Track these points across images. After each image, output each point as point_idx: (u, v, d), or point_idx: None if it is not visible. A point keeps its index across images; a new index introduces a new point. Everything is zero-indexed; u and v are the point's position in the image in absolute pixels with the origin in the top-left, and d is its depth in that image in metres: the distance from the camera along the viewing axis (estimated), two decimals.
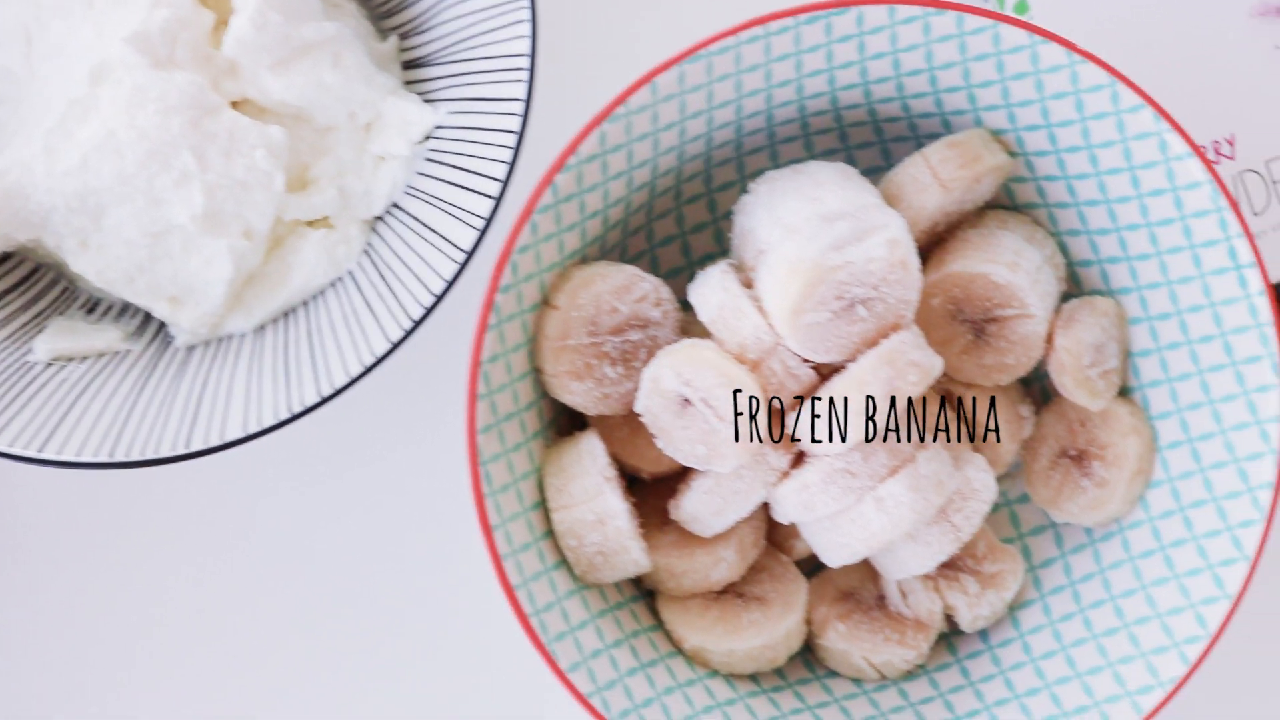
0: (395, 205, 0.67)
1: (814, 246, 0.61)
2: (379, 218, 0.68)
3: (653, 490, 0.67)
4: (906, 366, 0.61)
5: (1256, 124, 0.72)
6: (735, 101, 0.64)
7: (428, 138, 0.67)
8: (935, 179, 0.65)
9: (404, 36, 0.69)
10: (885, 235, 0.61)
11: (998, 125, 0.66)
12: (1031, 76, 0.64)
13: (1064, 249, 0.69)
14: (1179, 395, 0.67)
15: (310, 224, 0.68)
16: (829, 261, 0.61)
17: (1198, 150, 0.63)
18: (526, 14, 0.62)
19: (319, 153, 0.66)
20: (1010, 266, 0.66)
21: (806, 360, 0.62)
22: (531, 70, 0.62)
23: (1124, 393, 0.69)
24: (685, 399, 0.62)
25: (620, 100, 0.61)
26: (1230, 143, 0.72)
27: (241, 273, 0.65)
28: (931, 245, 0.68)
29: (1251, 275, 0.64)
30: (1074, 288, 0.70)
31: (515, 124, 0.62)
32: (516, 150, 0.62)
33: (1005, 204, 0.70)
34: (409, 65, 0.69)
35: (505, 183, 0.62)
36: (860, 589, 0.68)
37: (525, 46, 0.62)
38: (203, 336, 0.67)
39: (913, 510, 0.62)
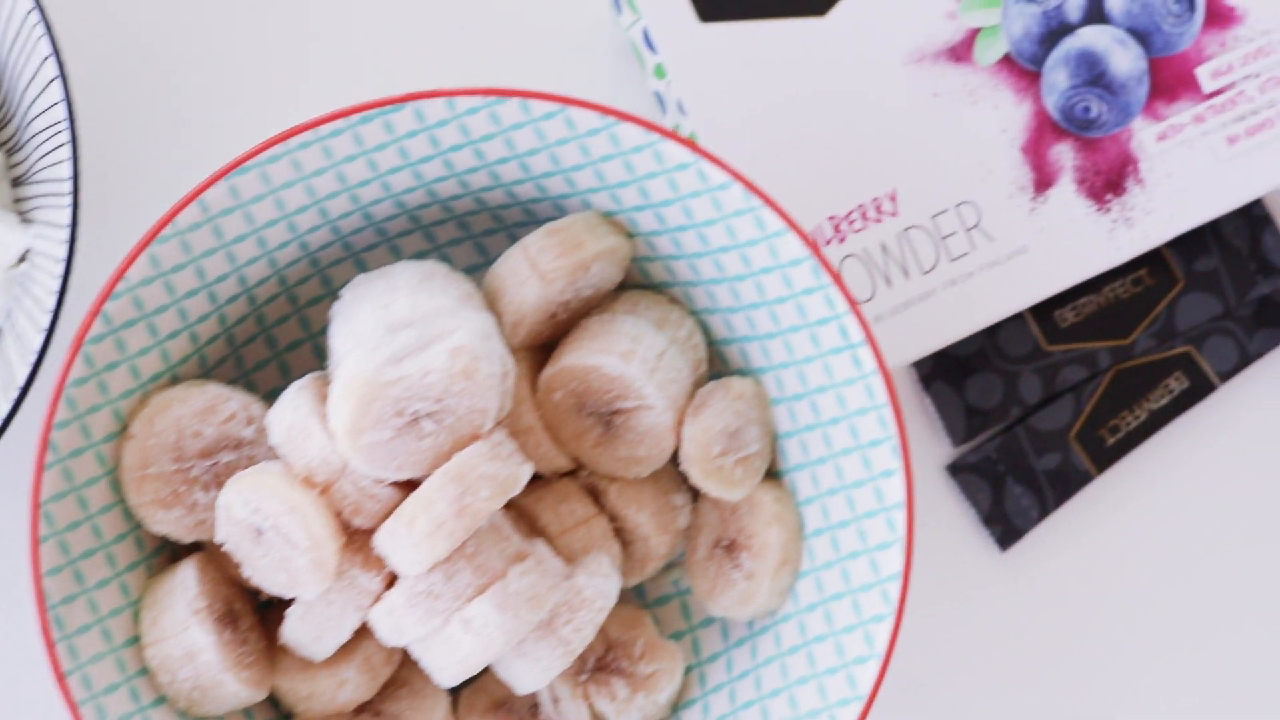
0: None
1: (371, 361, 0.58)
2: None
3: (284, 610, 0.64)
4: (478, 481, 0.58)
5: (920, 177, 0.68)
6: (314, 205, 0.61)
7: (23, 259, 0.65)
8: (534, 270, 0.62)
9: (10, 152, 0.67)
10: (448, 344, 0.58)
11: (605, 206, 0.63)
12: (618, 158, 0.61)
13: (705, 327, 0.65)
14: (819, 480, 0.63)
15: None
16: (384, 377, 0.58)
17: (794, 225, 0.60)
18: (67, 135, 0.59)
19: None
20: (625, 356, 0.62)
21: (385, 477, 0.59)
22: (75, 194, 0.59)
23: (776, 476, 0.65)
24: (258, 527, 0.59)
25: (166, 221, 0.59)
26: (892, 199, 0.68)
27: None
28: (558, 334, 0.65)
29: (864, 355, 0.60)
30: (723, 366, 0.66)
31: (62, 250, 0.59)
32: (64, 278, 0.59)
33: (641, 283, 0.66)
34: (17, 182, 0.67)
35: (55, 313, 0.59)
36: (513, 697, 0.65)
37: (67, 170, 0.59)
38: None
39: (503, 631, 0.59)
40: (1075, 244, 0.69)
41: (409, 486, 0.60)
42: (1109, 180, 0.69)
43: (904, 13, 0.68)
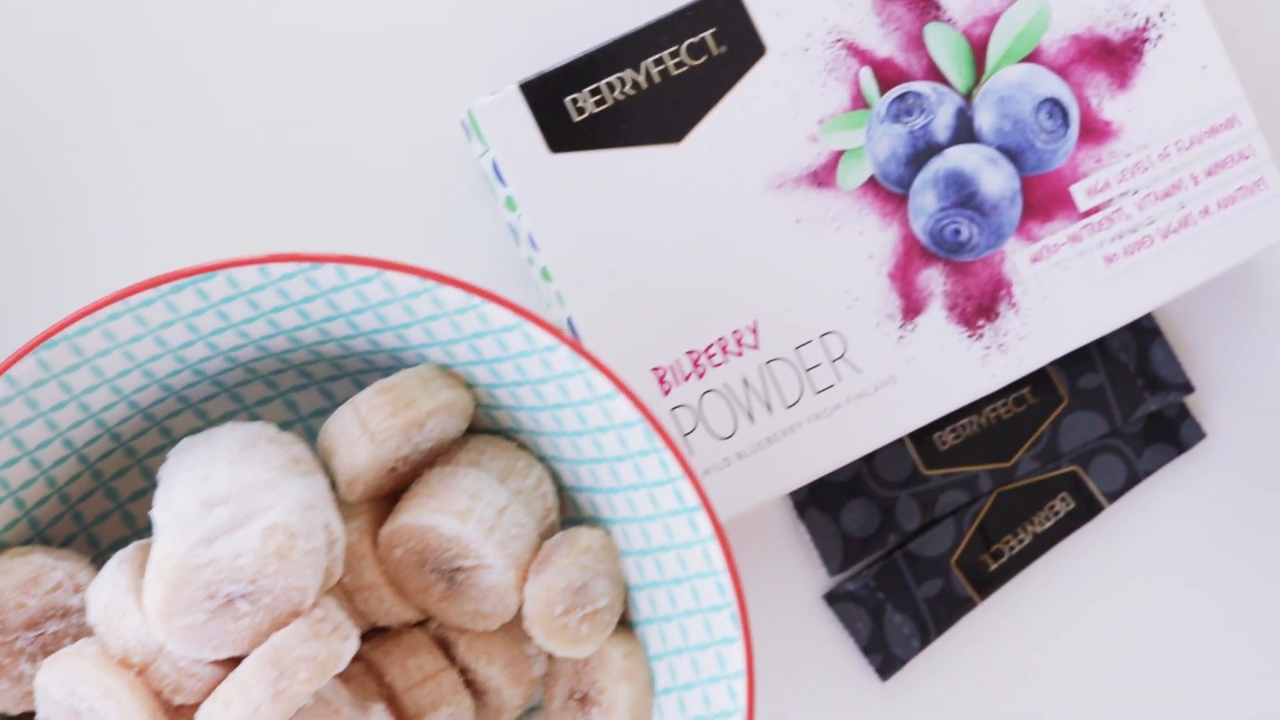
0: None
1: (183, 542, 0.56)
2: None
3: None
4: (295, 664, 0.56)
5: (782, 307, 0.66)
6: (137, 369, 0.60)
7: None
8: (365, 431, 0.60)
9: None
10: (262, 523, 0.56)
11: (441, 360, 0.61)
12: (444, 318, 0.59)
13: (555, 474, 0.63)
14: (666, 637, 0.61)
15: None
16: (194, 560, 0.56)
17: (623, 388, 0.58)
18: None
19: None
20: (462, 516, 0.60)
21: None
22: None
23: (630, 627, 0.63)
24: (75, 709, 0.58)
25: None
26: (754, 331, 0.66)
27: None
28: (402, 484, 0.63)
29: (700, 519, 0.58)
30: (576, 511, 0.64)
31: None
32: None
33: (490, 427, 0.64)
34: None
35: None
36: None
37: None
38: None
39: None
40: (946, 372, 0.67)
41: (232, 662, 0.58)
42: (981, 305, 0.67)
43: (764, 137, 0.66)
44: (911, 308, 0.66)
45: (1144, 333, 0.71)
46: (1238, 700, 0.70)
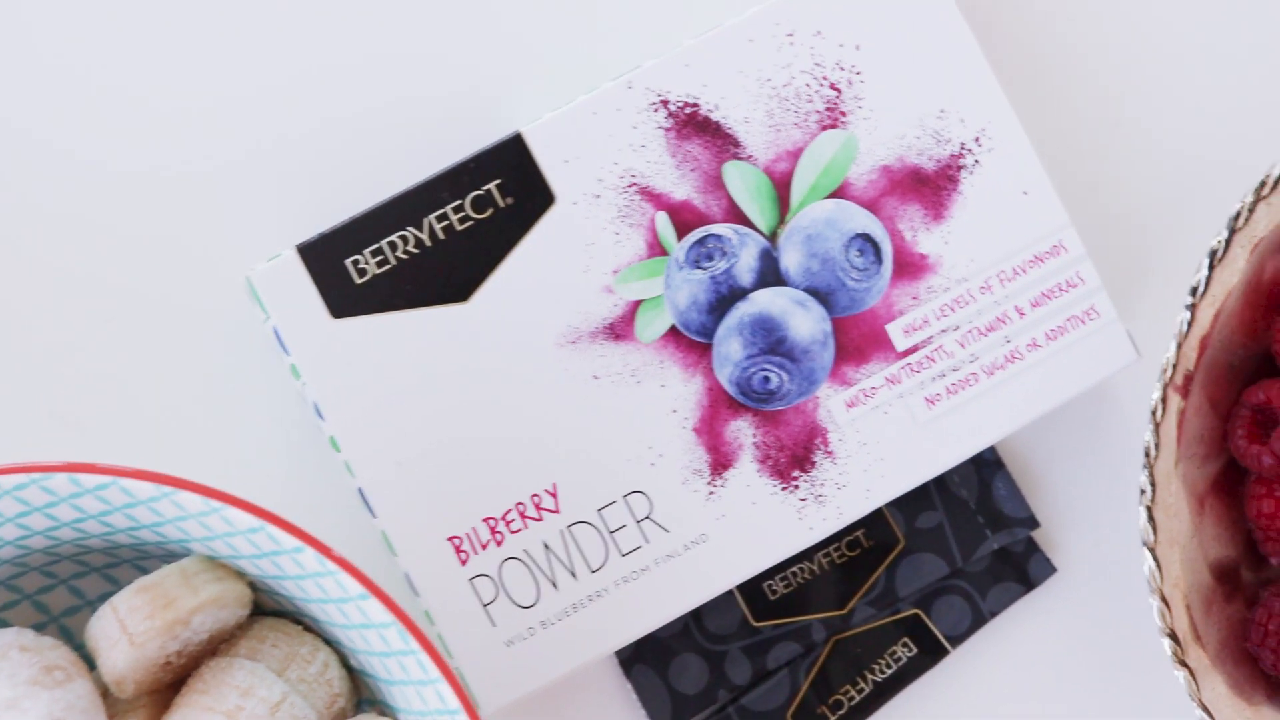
0: None
1: None
2: None
3: None
4: None
5: (582, 468, 0.63)
6: None
7: None
8: (124, 633, 0.58)
9: None
10: None
11: (203, 552, 0.59)
12: (191, 519, 0.56)
13: (346, 658, 0.61)
14: None
15: None
16: None
17: (374, 589, 0.55)
18: None
19: None
20: (230, 715, 0.58)
21: None
22: None
23: None
24: None
25: None
26: (553, 494, 0.63)
27: None
28: (182, 675, 0.61)
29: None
30: (370, 694, 0.62)
31: None
32: None
33: (277, 609, 0.62)
34: None
35: None
36: None
37: None
38: None
39: None
40: (761, 528, 0.63)
41: None
42: (795, 456, 0.63)
43: (555, 291, 0.63)
44: (720, 462, 0.63)
45: (985, 465, 0.67)
46: None
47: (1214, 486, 0.65)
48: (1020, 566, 0.68)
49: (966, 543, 0.67)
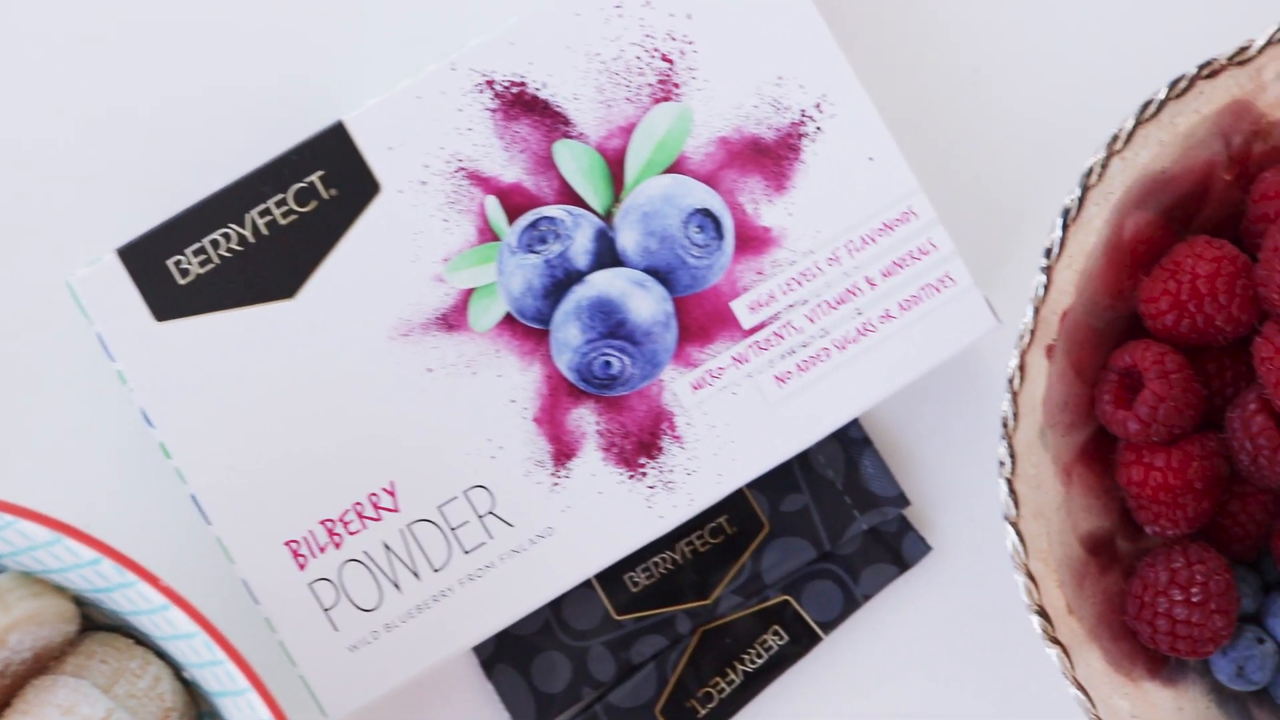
0: None
1: None
2: None
3: None
4: None
5: (420, 464, 0.61)
6: None
7: None
8: None
9: None
10: None
11: (21, 568, 0.57)
12: None
13: (180, 672, 0.59)
14: None
15: None
16: None
17: (178, 600, 0.53)
18: None
19: None
20: None
21: None
22: None
23: None
24: None
25: None
26: (391, 492, 0.61)
27: None
28: (10, 694, 0.59)
29: None
30: (208, 705, 0.60)
31: None
32: None
33: (111, 623, 0.60)
34: None
35: None
36: None
37: None
38: None
39: None
40: (609, 519, 0.61)
41: None
42: (641, 442, 0.61)
43: (384, 283, 0.61)
44: (563, 452, 0.61)
45: (852, 444, 0.65)
46: None
47: (1082, 456, 0.62)
48: (894, 547, 0.65)
49: (834, 525, 0.64)
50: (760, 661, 0.65)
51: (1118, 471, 0.62)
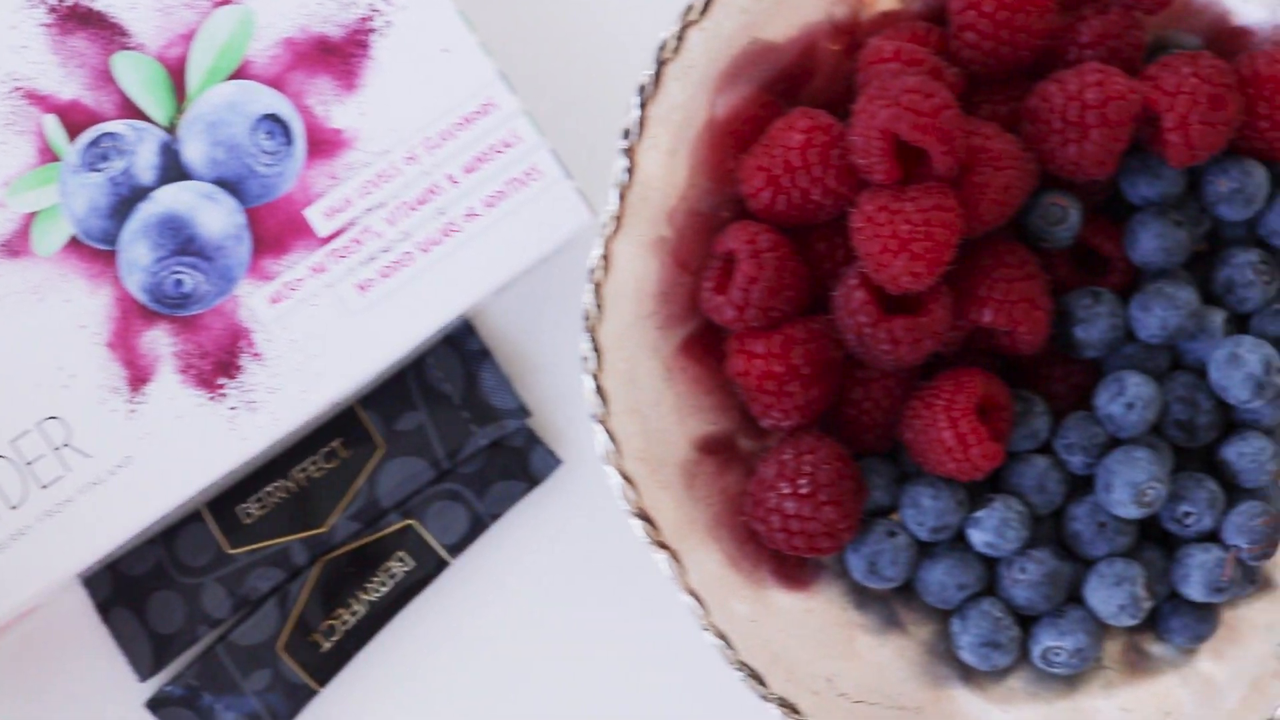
0: None
1: None
2: None
3: None
4: None
5: None
6: None
7: None
8: None
9: None
10: None
11: None
12: None
13: None
14: None
15: None
16: None
17: None
18: None
19: None
20: None
21: None
22: None
23: None
24: None
25: None
26: None
27: None
28: None
29: None
30: None
31: None
32: None
33: None
34: None
35: None
36: None
37: None
38: None
39: None
40: (191, 444, 0.58)
41: None
42: (219, 362, 0.58)
43: None
44: (138, 376, 0.58)
45: (471, 356, 0.62)
46: None
47: (688, 349, 0.59)
48: (521, 462, 0.62)
49: (451, 442, 0.61)
50: (385, 590, 0.62)
51: (726, 364, 0.58)
